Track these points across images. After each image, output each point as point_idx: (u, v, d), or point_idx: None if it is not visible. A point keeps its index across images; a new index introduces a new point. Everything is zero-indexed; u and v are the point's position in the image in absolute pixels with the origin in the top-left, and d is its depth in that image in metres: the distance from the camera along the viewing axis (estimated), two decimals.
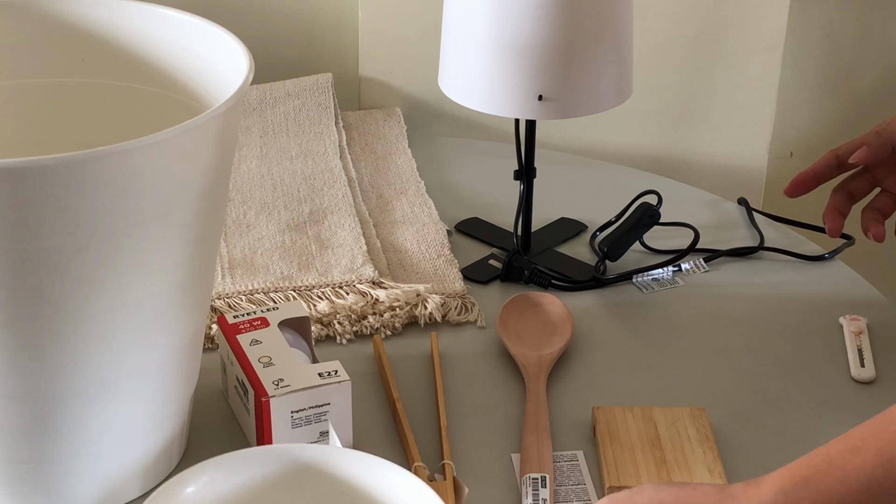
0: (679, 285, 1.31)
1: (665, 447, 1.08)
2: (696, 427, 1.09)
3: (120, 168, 0.88)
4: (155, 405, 1.01)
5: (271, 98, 1.56)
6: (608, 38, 1.20)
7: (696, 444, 1.08)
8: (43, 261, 0.89)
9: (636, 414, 1.11)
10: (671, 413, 1.11)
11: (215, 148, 0.95)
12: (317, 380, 1.05)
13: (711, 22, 1.58)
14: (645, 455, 1.07)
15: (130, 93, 1.08)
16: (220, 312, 1.23)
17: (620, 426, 1.10)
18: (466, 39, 1.21)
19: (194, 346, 1.04)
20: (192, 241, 0.96)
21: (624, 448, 1.08)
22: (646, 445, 1.08)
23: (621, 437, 1.09)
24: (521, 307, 1.24)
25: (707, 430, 1.09)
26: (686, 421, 1.10)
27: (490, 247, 1.37)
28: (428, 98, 1.60)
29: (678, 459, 1.06)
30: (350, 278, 1.28)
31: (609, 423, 1.10)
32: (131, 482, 1.03)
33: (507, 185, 1.35)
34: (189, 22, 1.04)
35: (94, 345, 0.94)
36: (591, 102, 1.22)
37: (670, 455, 1.07)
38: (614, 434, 1.09)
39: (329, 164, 1.47)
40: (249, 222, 1.37)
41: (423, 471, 1.05)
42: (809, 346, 1.22)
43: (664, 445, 1.08)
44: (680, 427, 1.10)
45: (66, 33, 1.07)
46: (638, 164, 1.61)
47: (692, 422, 1.10)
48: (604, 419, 1.10)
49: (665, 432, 1.09)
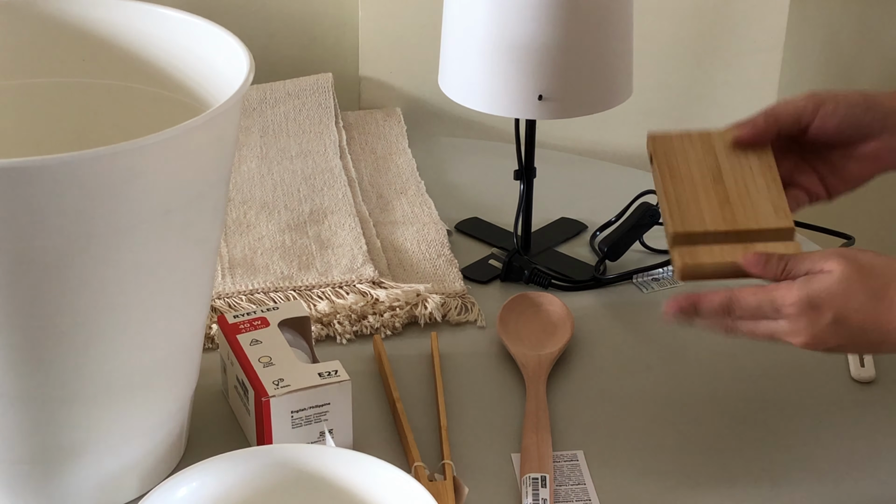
0: (679, 285, 1.31)
1: (727, 180, 1.03)
2: (756, 154, 1.05)
3: (120, 168, 0.88)
4: (155, 405, 1.01)
5: (271, 98, 1.56)
6: (608, 38, 1.20)
7: (759, 176, 1.03)
8: (43, 261, 0.89)
9: (694, 141, 1.06)
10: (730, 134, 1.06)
11: (215, 148, 0.95)
12: (317, 380, 1.05)
13: (711, 22, 1.58)
14: (707, 194, 1.01)
15: (130, 93, 1.08)
16: (220, 312, 1.23)
17: (679, 158, 1.04)
18: (466, 39, 1.21)
19: (194, 346, 1.04)
20: (192, 241, 0.96)
21: (685, 185, 1.02)
22: (707, 180, 1.02)
23: (681, 171, 1.03)
24: (521, 307, 1.24)
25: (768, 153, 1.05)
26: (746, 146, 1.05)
27: (490, 247, 1.37)
28: (428, 98, 1.60)
29: (742, 197, 1.01)
30: (350, 278, 1.28)
31: (668, 154, 1.05)
32: (131, 482, 1.03)
33: (507, 185, 1.36)
34: (189, 22, 1.04)
35: (94, 345, 0.94)
36: (591, 102, 1.22)
37: (734, 192, 1.01)
38: (674, 168, 1.03)
39: (329, 164, 1.47)
40: (249, 222, 1.37)
41: (423, 471, 1.05)
42: None
43: (726, 179, 1.03)
44: (740, 154, 1.04)
45: (66, 33, 1.07)
46: (638, 164, 1.61)
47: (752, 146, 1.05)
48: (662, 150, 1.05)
49: (726, 162, 1.04)
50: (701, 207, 1.01)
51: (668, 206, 1.02)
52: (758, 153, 1.05)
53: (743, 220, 1.01)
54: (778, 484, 1.06)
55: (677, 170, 1.04)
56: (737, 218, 1.01)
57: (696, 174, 1.03)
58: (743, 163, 1.04)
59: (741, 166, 1.04)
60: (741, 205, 1.01)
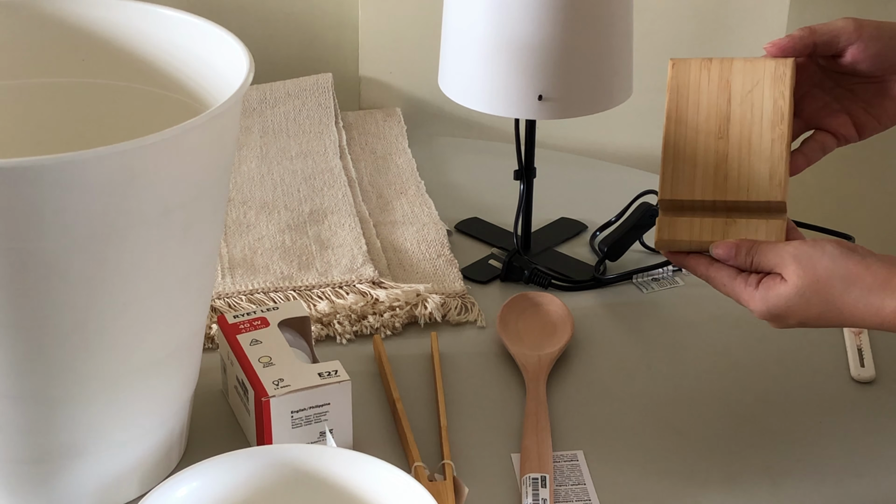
0: (679, 285, 1.31)
1: (732, 133, 1.01)
2: (773, 97, 1.02)
3: (120, 168, 0.88)
4: (155, 405, 1.01)
5: (271, 98, 1.56)
6: (608, 38, 1.20)
7: (767, 129, 1.01)
8: (43, 261, 0.89)
9: (713, 74, 1.03)
10: (751, 74, 1.02)
11: (215, 148, 0.95)
12: (317, 380, 1.05)
13: (711, 22, 1.58)
14: (707, 152, 1.00)
15: (130, 93, 1.08)
16: (220, 312, 1.23)
17: (692, 96, 1.02)
18: (466, 39, 1.21)
19: (194, 346, 1.04)
20: (192, 241, 0.96)
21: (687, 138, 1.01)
22: (711, 133, 1.01)
23: (689, 115, 1.02)
24: (521, 307, 1.24)
25: (785, 99, 1.01)
26: (765, 86, 1.02)
27: (490, 247, 1.37)
28: (428, 98, 1.60)
29: (741, 157, 0.99)
30: (350, 278, 1.28)
31: (681, 89, 1.03)
32: (131, 482, 1.03)
33: (507, 185, 1.36)
34: (189, 22, 1.04)
35: (94, 345, 0.94)
36: (591, 102, 1.22)
37: (734, 150, 1.00)
38: (682, 112, 1.02)
39: (329, 164, 1.47)
40: (249, 222, 1.37)
41: (423, 471, 1.05)
42: (809, 346, 1.22)
43: (731, 131, 1.01)
44: (756, 97, 1.01)
45: (66, 33, 1.07)
46: (638, 164, 1.61)
47: (771, 87, 1.02)
48: (677, 83, 1.04)
49: (738, 107, 1.01)
50: (696, 171, 1.00)
51: (664, 168, 1.02)
52: (776, 94, 1.02)
53: (734, 191, 1.00)
54: (778, 484, 1.06)
55: (685, 114, 1.02)
56: (728, 185, 1.00)
57: (701, 122, 1.02)
58: (755, 108, 1.01)
59: (752, 113, 1.01)
60: (737, 167, 1.00)
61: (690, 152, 1.02)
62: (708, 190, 1.01)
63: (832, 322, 0.97)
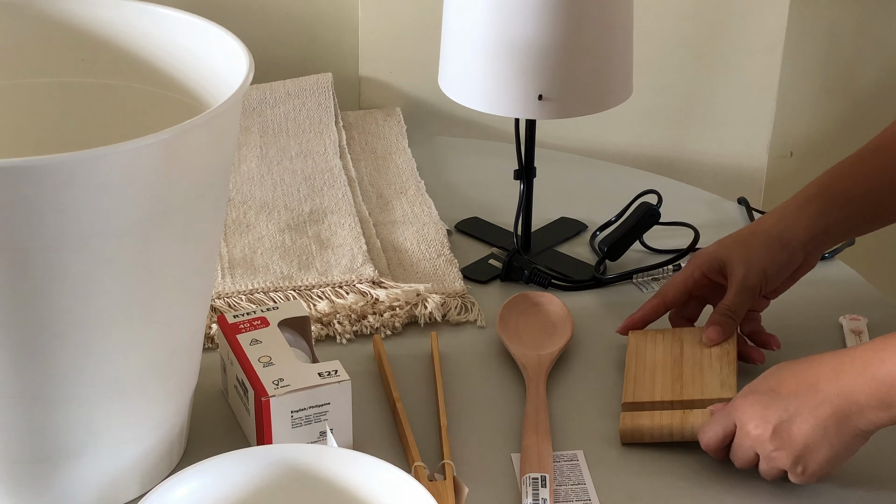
0: None
1: (685, 364, 1.13)
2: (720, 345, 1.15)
3: (120, 168, 0.88)
4: (155, 405, 1.01)
5: (271, 98, 1.56)
6: (608, 38, 1.20)
7: (716, 360, 1.13)
8: (43, 261, 0.89)
9: (666, 334, 1.17)
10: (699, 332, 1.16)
11: (215, 148, 0.95)
12: (317, 379, 1.05)
13: (711, 22, 1.58)
14: (664, 372, 1.12)
15: (130, 93, 1.08)
16: (220, 312, 1.23)
17: (649, 346, 1.16)
18: (466, 39, 1.21)
19: (194, 346, 1.04)
20: (191, 241, 0.96)
21: (647, 365, 1.14)
22: (667, 363, 1.14)
23: (647, 355, 1.15)
24: (521, 307, 1.24)
25: (731, 345, 1.14)
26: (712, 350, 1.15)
27: (490, 247, 1.37)
28: (428, 98, 1.60)
29: (694, 375, 1.12)
30: (350, 278, 1.28)
31: (639, 343, 1.17)
32: (131, 482, 1.03)
33: (507, 185, 1.36)
34: (189, 22, 1.04)
35: (94, 345, 0.94)
36: (591, 102, 1.22)
37: (688, 372, 1.12)
38: (641, 353, 1.15)
39: (329, 164, 1.47)
40: (249, 222, 1.37)
41: (423, 471, 1.05)
42: (809, 345, 1.22)
43: (685, 362, 1.13)
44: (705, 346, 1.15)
45: (66, 33, 1.07)
46: (638, 164, 1.61)
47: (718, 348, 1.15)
48: (635, 339, 1.17)
49: (689, 350, 1.14)
50: (655, 383, 1.12)
51: (626, 382, 1.13)
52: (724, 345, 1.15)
53: (689, 392, 1.10)
54: (778, 484, 1.06)
55: (644, 354, 1.16)
56: (684, 391, 1.10)
57: (659, 358, 1.15)
58: (704, 350, 1.15)
59: (702, 353, 1.14)
60: (691, 381, 1.11)
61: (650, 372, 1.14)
62: (666, 393, 1.11)
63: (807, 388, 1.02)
